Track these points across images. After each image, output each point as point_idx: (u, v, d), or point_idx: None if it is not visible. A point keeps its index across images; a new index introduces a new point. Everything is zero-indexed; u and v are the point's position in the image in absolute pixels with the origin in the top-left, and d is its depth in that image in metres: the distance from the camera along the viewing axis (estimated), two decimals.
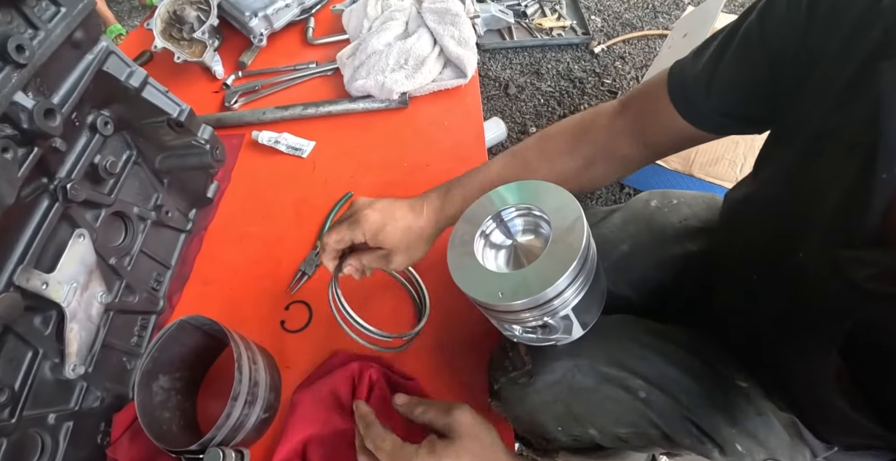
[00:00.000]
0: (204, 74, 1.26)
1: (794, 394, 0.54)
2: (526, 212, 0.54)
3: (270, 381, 0.73)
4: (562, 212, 0.50)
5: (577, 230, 0.48)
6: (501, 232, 0.56)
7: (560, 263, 0.46)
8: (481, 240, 0.55)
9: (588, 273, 0.49)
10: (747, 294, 0.56)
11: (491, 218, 0.54)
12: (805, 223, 0.45)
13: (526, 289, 0.46)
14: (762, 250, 0.53)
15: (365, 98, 1.04)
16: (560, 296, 0.47)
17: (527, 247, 0.54)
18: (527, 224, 0.55)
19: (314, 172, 0.97)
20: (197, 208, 0.98)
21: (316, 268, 0.83)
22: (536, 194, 0.53)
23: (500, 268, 0.54)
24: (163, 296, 0.88)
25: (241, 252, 0.90)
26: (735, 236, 0.60)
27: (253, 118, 1.08)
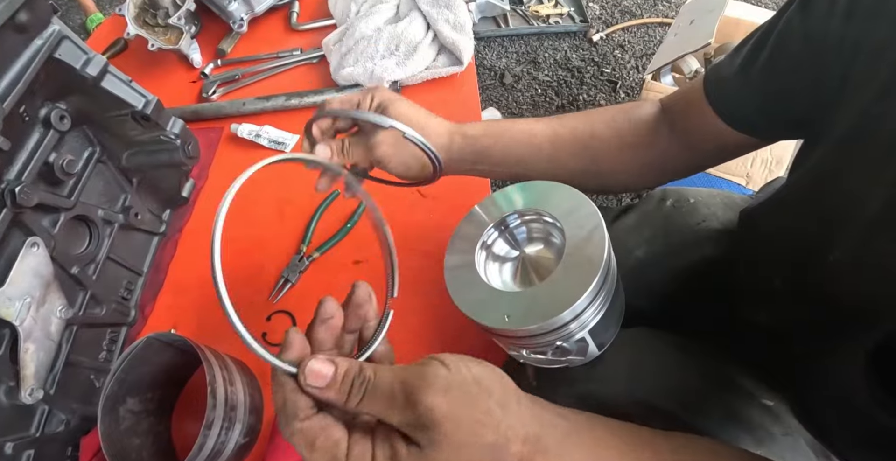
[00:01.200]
0: (181, 63, 1.18)
1: (821, 406, 0.49)
2: (535, 217, 0.47)
3: (250, 403, 0.66)
4: (577, 218, 0.43)
5: (597, 241, 0.41)
6: (506, 241, 0.49)
7: (577, 281, 0.39)
8: (483, 251, 0.47)
9: (609, 290, 0.42)
10: (771, 301, 0.52)
11: (494, 225, 0.47)
12: (843, 222, 0.41)
13: (538, 312, 0.40)
14: (789, 253, 0.49)
15: (353, 87, 0.96)
16: (577, 319, 0.40)
17: (536, 260, 0.47)
18: (536, 232, 0.48)
19: (298, 168, 0.89)
20: (171, 209, 0.91)
21: (300, 274, 0.76)
22: (546, 197, 0.46)
23: (505, 284, 0.47)
24: (134, 306, 0.81)
25: None
26: (759, 239, 0.54)
27: (232, 110, 1.00)
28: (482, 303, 0.42)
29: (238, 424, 0.63)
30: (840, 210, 0.42)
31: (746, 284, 0.58)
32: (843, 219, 0.41)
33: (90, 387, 0.73)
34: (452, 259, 0.47)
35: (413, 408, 0.29)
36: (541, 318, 0.39)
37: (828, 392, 0.47)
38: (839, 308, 0.42)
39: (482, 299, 0.43)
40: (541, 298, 0.40)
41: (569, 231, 0.43)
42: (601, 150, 0.56)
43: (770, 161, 1.32)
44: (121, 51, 1.28)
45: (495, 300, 0.42)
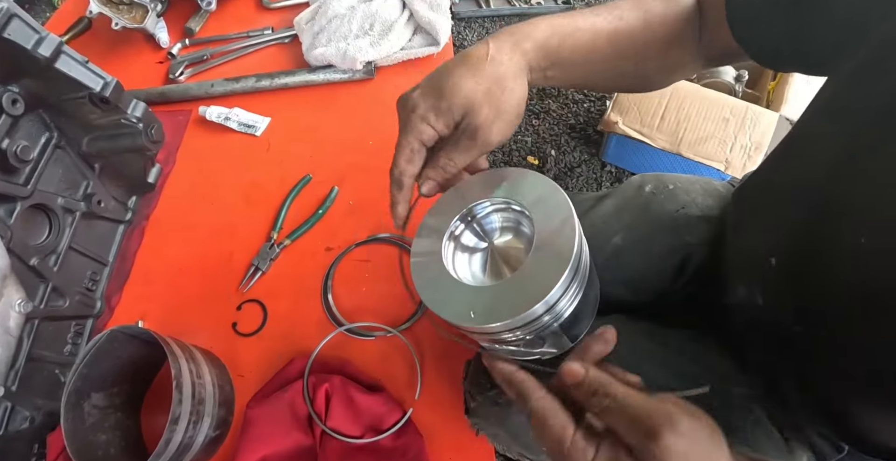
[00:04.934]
0: (148, 44, 1.13)
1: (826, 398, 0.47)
2: (504, 207, 0.46)
3: (220, 395, 0.64)
4: (546, 208, 0.41)
5: (567, 231, 0.39)
6: (474, 232, 0.47)
7: (547, 274, 0.38)
8: (451, 242, 0.46)
9: (581, 281, 0.41)
10: (764, 289, 0.49)
11: (461, 215, 0.45)
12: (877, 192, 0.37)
13: (504, 307, 0.38)
14: (791, 235, 0.46)
15: (325, 68, 0.93)
16: (548, 313, 0.39)
17: (506, 251, 0.45)
18: (505, 221, 0.47)
19: (268, 152, 0.87)
20: (137, 196, 0.87)
21: (270, 262, 0.74)
22: (516, 185, 0.44)
23: (475, 276, 0.45)
24: (100, 298, 0.78)
25: (187, 244, 0.80)
26: (753, 221, 0.52)
27: (200, 92, 0.97)
28: (447, 297, 0.41)
29: (207, 418, 0.61)
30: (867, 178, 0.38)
31: (733, 273, 0.56)
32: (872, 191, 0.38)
33: (55, 382, 0.71)
34: (419, 248, 0.45)
35: (651, 441, 0.33)
36: (507, 315, 0.38)
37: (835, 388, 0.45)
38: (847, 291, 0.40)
39: (447, 293, 0.41)
40: (508, 293, 0.39)
41: (538, 221, 0.41)
42: (649, 47, 0.54)
43: (749, 147, 1.31)
44: (84, 30, 1.22)
45: (462, 294, 0.41)
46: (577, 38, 0.51)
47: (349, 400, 0.60)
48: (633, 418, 0.34)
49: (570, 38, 0.51)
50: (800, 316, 0.45)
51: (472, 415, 0.54)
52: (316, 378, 0.62)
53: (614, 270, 0.60)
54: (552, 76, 0.52)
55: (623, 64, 0.54)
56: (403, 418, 0.59)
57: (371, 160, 0.82)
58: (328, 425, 0.59)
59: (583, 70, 0.53)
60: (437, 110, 0.47)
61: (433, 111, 0.47)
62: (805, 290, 0.44)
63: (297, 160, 0.84)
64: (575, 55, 0.51)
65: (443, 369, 0.63)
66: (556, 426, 0.36)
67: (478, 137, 0.47)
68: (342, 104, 0.91)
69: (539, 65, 0.51)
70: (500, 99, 0.47)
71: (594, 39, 0.52)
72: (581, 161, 1.60)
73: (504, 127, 0.47)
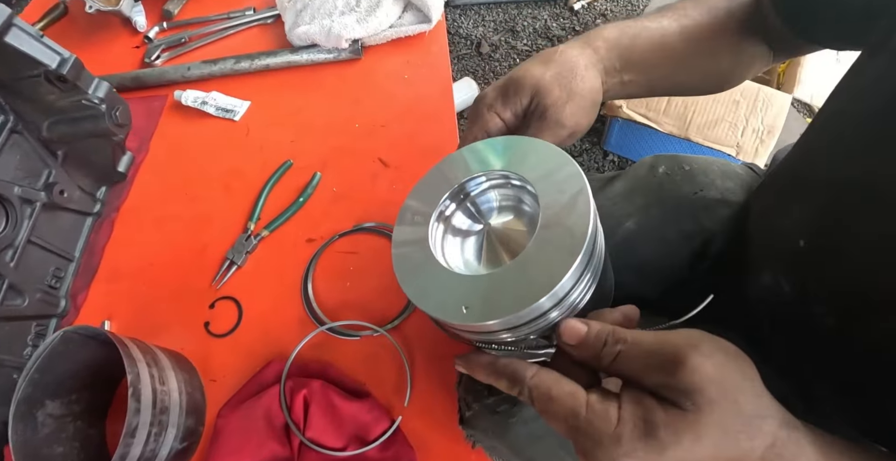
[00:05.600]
0: (125, 28, 1.07)
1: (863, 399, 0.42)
2: (502, 182, 0.39)
3: (188, 403, 0.57)
4: (554, 181, 0.35)
5: (580, 209, 0.33)
6: (467, 213, 0.40)
7: (555, 261, 0.31)
8: (440, 224, 0.39)
9: (595, 269, 0.34)
10: (792, 276, 0.44)
11: (452, 192, 0.39)
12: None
13: (504, 301, 0.32)
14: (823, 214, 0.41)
15: (309, 48, 0.87)
16: (556, 308, 0.33)
17: (504, 234, 0.39)
18: (504, 198, 0.40)
19: (248, 138, 0.80)
20: (107, 186, 0.81)
21: (246, 255, 0.67)
22: (517, 155, 0.38)
23: (468, 265, 0.39)
24: (64, 296, 0.72)
25: (159, 237, 0.73)
26: (782, 202, 0.46)
27: (176, 75, 0.90)
28: (434, 290, 0.34)
29: (172, 428, 0.55)
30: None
31: (760, 252, 0.51)
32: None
33: (14, 387, 0.64)
34: (402, 233, 0.38)
35: (676, 369, 0.28)
36: (507, 310, 0.31)
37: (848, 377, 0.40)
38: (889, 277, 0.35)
39: (434, 284, 0.35)
40: (509, 283, 0.32)
41: (544, 197, 0.35)
42: (720, 40, 0.51)
43: (761, 130, 1.25)
44: (60, 16, 1.16)
45: (451, 286, 0.34)
46: (646, 36, 0.49)
47: (331, 407, 0.54)
48: (650, 352, 0.30)
49: (639, 38, 0.49)
50: (832, 305, 0.41)
51: (467, 425, 0.48)
52: (294, 383, 0.55)
53: (626, 258, 0.54)
54: (629, 80, 0.49)
55: (698, 61, 0.52)
56: (391, 427, 0.53)
57: (357, 143, 0.76)
58: (307, 436, 0.53)
59: (659, 72, 0.51)
60: (505, 98, 0.45)
61: (501, 99, 0.45)
62: (838, 275, 0.40)
63: (277, 145, 0.78)
64: (648, 54, 0.49)
65: (436, 372, 0.56)
66: (564, 396, 0.31)
67: (548, 117, 0.44)
68: (327, 86, 0.84)
69: (613, 65, 0.48)
70: (571, 82, 0.44)
71: (664, 36, 0.50)
72: (581, 150, 1.53)
73: (578, 111, 0.45)
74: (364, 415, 0.53)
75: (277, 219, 0.69)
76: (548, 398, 0.31)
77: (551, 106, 0.44)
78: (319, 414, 0.53)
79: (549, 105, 0.44)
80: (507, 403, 0.43)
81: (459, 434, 0.51)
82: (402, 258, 0.37)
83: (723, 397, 0.28)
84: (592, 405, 0.30)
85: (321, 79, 0.86)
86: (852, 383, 0.42)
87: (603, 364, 0.31)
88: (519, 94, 0.45)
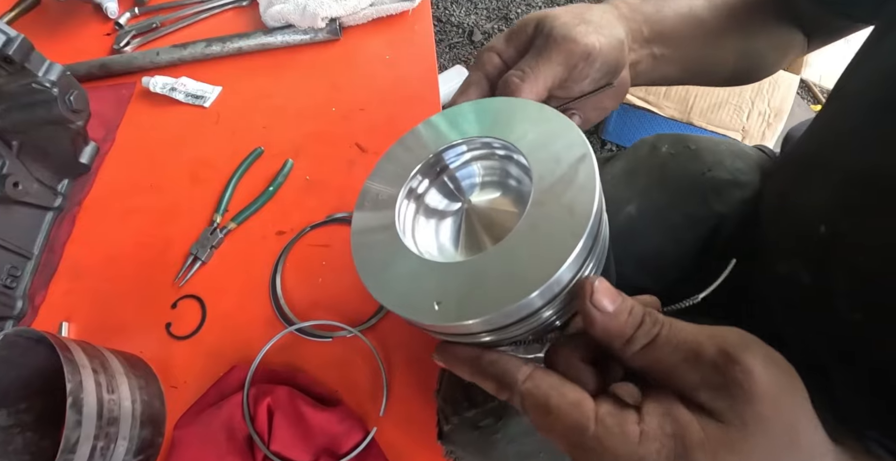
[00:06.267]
0: (96, 15, 1.02)
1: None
2: (486, 151, 0.33)
3: (144, 412, 0.52)
4: (550, 148, 0.29)
5: (582, 181, 0.27)
6: (443, 190, 0.35)
7: (551, 246, 0.25)
8: (410, 203, 0.33)
9: (599, 257, 0.28)
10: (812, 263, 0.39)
11: (425, 164, 0.33)
12: None
13: (485, 295, 0.26)
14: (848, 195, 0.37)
15: (284, 29, 0.81)
16: (550, 305, 0.27)
17: (487, 213, 0.33)
18: (490, 173, 0.34)
19: (218, 125, 0.75)
20: (69, 179, 0.76)
21: (211, 250, 0.62)
22: (504, 119, 0.32)
23: (443, 251, 0.33)
24: (21, 296, 0.67)
25: (122, 232, 0.68)
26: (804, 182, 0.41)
27: (145, 61, 0.85)
28: (400, 281, 0.29)
29: (123, 441, 0.49)
30: None
31: (776, 237, 0.46)
32: None
33: None
34: (364, 216, 0.33)
35: (726, 367, 0.22)
36: (488, 307, 0.25)
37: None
38: None
39: (401, 275, 0.29)
40: (491, 274, 0.26)
41: (537, 167, 0.29)
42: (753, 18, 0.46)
43: (768, 114, 1.19)
44: (32, 6, 1.11)
45: (421, 276, 0.28)
46: (673, 6, 0.43)
47: (298, 417, 0.48)
48: (693, 343, 0.23)
49: (665, 6, 0.43)
50: (859, 298, 0.36)
51: (446, 440, 0.42)
52: (258, 390, 0.50)
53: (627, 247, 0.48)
54: (661, 54, 0.43)
55: (732, 40, 0.46)
56: (365, 439, 0.47)
57: (333, 128, 0.70)
58: (272, 449, 0.48)
59: (693, 48, 0.44)
60: (508, 35, 0.39)
61: (503, 38, 0.40)
62: (865, 265, 0.35)
63: (249, 132, 0.72)
64: (678, 25, 0.43)
65: (415, 377, 0.50)
66: (566, 406, 0.24)
67: (554, 33, 0.37)
68: (303, 69, 0.79)
69: (639, 30, 0.42)
70: (584, 12, 0.38)
71: (692, 9, 0.44)
72: None
73: (591, 32, 0.37)
74: (335, 425, 0.48)
75: (245, 210, 0.64)
76: (545, 409, 0.24)
77: (560, 25, 0.37)
78: (285, 424, 0.48)
79: (558, 25, 0.37)
80: (491, 417, 0.38)
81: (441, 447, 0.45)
82: (363, 246, 0.32)
83: (777, 418, 0.21)
84: (603, 418, 0.23)
85: (297, 61, 0.80)
86: (883, 384, 0.36)
87: (631, 349, 0.25)
88: (524, 26, 0.39)
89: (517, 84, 0.36)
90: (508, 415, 0.37)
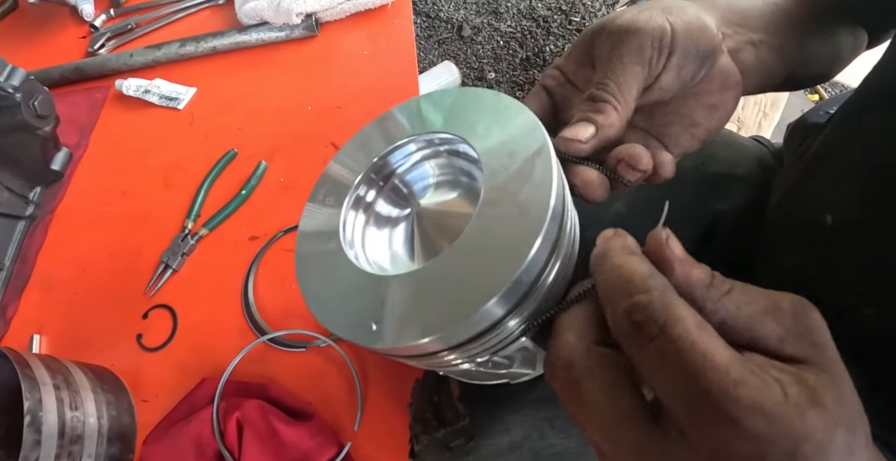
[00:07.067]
0: (73, 18, 1.00)
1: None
2: (436, 149, 0.31)
3: (112, 428, 0.50)
4: (505, 141, 0.27)
5: (539, 176, 0.24)
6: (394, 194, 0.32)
7: (505, 249, 0.23)
8: (359, 213, 0.31)
9: (566, 258, 0.26)
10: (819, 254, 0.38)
11: (370, 169, 0.31)
12: None
13: (431, 311, 0.23)
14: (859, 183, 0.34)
15: (260, 26, 0.79)
16: (511, 317, 0.24)
17: (440, 218, 0.30)
18: (445, 172, 0.32)
19: (192, 127, 0.73)
20: (42, 186, 0.73)
21: (183, 257, 0.60)
22: (456, 111, 0.29)
23: (395, 260, 0.31)
24: None
25: (94, 241, 0.66)
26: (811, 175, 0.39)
27: (119, 63, 0.82)
28: (338, 298, 0.26)
29: (88, 459, 0.47)
30: None
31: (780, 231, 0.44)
32: None
33: None
34: (309, 225, 0.30)
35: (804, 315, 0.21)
36: (433, 326, 0.22)
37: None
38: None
39: (343, 290, 0.26)
40: (436, 286, 0.24)
41: (490, 163, 0.26)
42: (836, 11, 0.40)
43: (764, 103, 1.16)
44: (10, 11, 1.10)
45: (364, 291, 0.26)
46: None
47: (270, 432, 0.46)
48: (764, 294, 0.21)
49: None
50: (869, 293, 0.34)
51: (418, 460, 0.39)
52: (229, 404, 0.48)
53: None
54: (760, 41, 0.37)
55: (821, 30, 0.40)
56: (340, 455, 0.45)
57: (308, 128, 0.68)
58: None
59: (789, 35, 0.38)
60: (568, 51, 0.35)
61: (564, 54, 0.35)
62: (876, 258, 0.33)
63: (223, 134, 0.70)
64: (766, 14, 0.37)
65: (391, 389, 0.48)
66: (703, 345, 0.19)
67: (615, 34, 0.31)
68: (279, 67, 0.76)
69: (731, 20, 0.36)
70: (648, 4, 0.32)
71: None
72: None
73: (657, 15, 0.31)
74: (307, 440, 0.45)
75: (217, 215, 0.61)
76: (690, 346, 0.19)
77: (620, 22, 0.31)
78: (255, 440, 0.45)
79: (618, 23, 0.31)
80: (462, 438, 0.35)
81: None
82: (306, 257, 0.29)
83: (841, 370, 0.20)
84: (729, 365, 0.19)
85: (273, 59, 0.78)
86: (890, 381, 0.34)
87: (711, 296, 0.21)
88: (581, 38, 0.34)
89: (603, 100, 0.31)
90: (480, 435, 0.34)
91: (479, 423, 0.35)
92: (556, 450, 0.34)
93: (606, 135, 0.30)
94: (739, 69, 0.35)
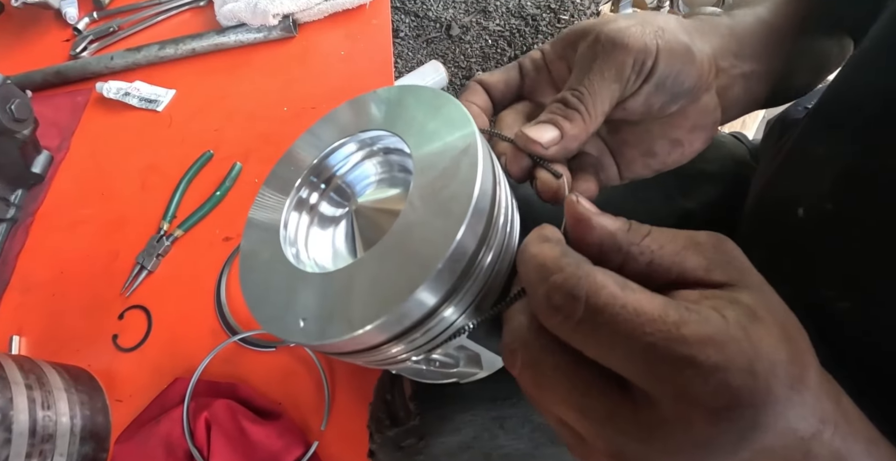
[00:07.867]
0: (56, 22, 1.00)
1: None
2: (373, 148, 0.31)
3: (85, 428, 0.51)
4: (439, 138, 0.27)
5: (464, 166, 0.25)
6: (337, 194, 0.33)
7: (431, 239, 0.23)
8: (302, 214, 0.32)
9: (500, 246, 0.26)
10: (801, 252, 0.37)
11: (310, 170, 0.31)
12: None
13: (357, 305, 0.24)
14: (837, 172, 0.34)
15: (238, 28, 0.79)
16: (446, 307, 0.24)
17: (375, 215, 0.31)
18: (385, 168, 0.32)
19: (170, 129, 0.73)
20: (24, 189, 0.74)
21: (158, 258, 0.60)
22: (399, 109, 0.30)
23: (336, 258, 0.31)
24: None
25: (72, 243, 0.66)
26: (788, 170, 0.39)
27: (99, 66, 0.83)
28: (274, 294, 0.27)
29: (60, 458, 0.48)
30: None
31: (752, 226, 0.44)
32: None
33: None
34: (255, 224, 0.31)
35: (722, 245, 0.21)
36: (360, 319, 0.23)
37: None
38: None
39: (278, 287, 0.27)
40: (360, 283, 0.24)
41: (420, 161, 0.26)
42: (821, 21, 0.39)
43: None
44: None
45: (296, 288, 0.26)
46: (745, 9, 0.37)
47: (238, 431, 0.46)
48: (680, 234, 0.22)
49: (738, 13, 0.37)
50: (845, 286, 0.33)
51: (374, 459, 0.40)
52: (199, 403, 0.48)
53: None
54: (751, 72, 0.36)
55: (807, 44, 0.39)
56: (306, 455, 0.46)
57: (284, 128, 0.68)
58: None
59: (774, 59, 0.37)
60: (557, 39, 0.34)
61: (551, 41, 0.34)
62: (850, 249, 0.33)
63: (200, 135, 0.71)
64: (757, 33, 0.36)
65: (359, 388, 0.48)
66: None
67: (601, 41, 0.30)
68: (257, 68, 0.77)
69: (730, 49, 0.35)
70: (645, 16, 0.31)
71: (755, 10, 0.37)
72: None
73: (649, 33, 0.30)
74: (275, 440, 0.46)
75: (192, 216, 0.62)
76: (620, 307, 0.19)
77: (609, 30, 0.30)
78: (223, 440, 0.46)
79: (607, 30, 0.30)
80: (413, 437, 0.35)
81: None
82: (248, 255, 0.30)
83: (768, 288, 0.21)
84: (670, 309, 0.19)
85: (252, 61, 0.78)
86: (875, 379, 0.34)
87: (633, 239, 0.22)
88: (570, 31, 0.33)
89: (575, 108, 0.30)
90: (431, 434, 0.35)
91: (430, 423, 0.35)
92: (506, 451, 0.34)
93: (568, 147, 0.30)
94: (726, 105, 0.35)
